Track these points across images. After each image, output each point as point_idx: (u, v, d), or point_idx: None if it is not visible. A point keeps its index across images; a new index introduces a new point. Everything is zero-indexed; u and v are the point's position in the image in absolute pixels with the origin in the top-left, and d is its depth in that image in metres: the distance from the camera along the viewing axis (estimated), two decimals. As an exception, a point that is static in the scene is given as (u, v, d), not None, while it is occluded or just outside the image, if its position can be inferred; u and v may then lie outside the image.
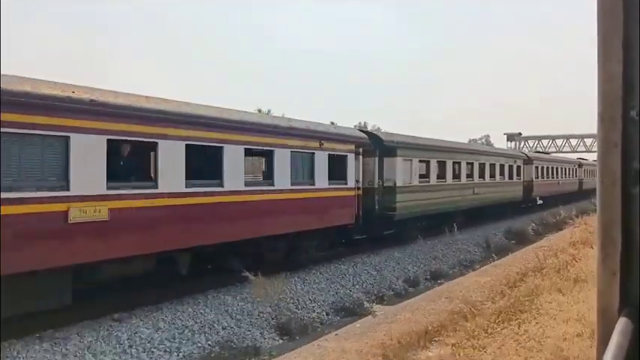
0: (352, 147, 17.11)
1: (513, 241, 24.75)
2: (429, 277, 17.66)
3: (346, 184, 16.69)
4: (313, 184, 15.14)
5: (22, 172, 8.18)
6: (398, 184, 19.33)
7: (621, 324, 1.15)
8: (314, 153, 15.13)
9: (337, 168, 16.54)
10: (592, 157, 75.61)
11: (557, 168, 39.29)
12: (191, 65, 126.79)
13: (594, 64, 1.21)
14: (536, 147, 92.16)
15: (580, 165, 47.98)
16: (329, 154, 15.77)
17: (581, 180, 47.15)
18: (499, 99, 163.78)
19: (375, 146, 18.78)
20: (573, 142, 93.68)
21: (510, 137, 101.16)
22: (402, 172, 19.63)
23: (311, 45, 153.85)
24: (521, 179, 31.35)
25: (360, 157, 18.08)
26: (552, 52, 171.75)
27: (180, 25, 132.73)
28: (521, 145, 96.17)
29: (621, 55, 1.16)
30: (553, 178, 38.50)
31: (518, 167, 30.90)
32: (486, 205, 26.98)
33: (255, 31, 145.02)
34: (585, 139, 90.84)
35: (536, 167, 34.16)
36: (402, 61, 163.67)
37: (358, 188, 17.69)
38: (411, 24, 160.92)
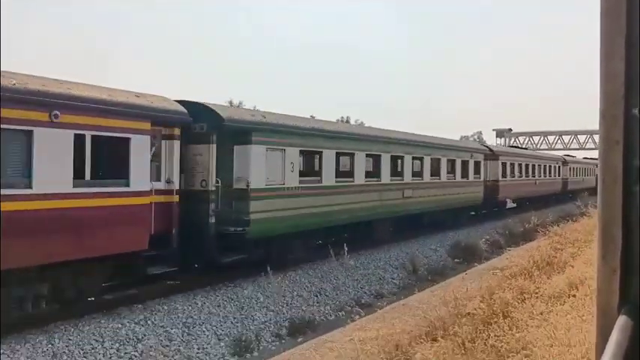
0: (146, 125, 10.34)
1: (458, 260, 18.44)
2: (282, 333, 11.00)
3: (128, 185, 9.93)
4: (29, 186, 8.37)
5: None
6: (253, 186, 12.59)
7: (621, 321, 1.14)
8: (32, 132, 8.38)
9: (110, 159, 9.84)
10: (584, 154, 69.66)
11: (533, 165, 32.44)
12: (187, 62, 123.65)
13: (595, 62, 1.23)
14: (527, 144, 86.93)
15: (565, 162, 41.07)
16: (77, 134, 9.01)
17: (566, 179, 40.30)
18: (499, 98, 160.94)
19: (212, 128, 12.03)
20: (566, 138, 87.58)
21: (499, 133, 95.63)
22: (261, 166, 12.90)
23: (310, 43, 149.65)
24: (482, 178, 24.57)
25: (177, 142, 11.34)
26: (553, 52, 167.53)
27: (179, 25, 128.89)
28: (511, 142, 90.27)
29: (624, 53, 1.17)
30: (527, 176, 31.62)
31: (477, 163, 24.14)
32: (426, 212, 20.26)
33: (255, 30, 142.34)
34: (579, 136, 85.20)
35: (504, 164, 27.37)
36: (402, 61, 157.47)
37: (166, 192, 10.95)
38: (411, 24, 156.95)
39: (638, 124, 1.16)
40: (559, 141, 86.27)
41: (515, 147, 33.72)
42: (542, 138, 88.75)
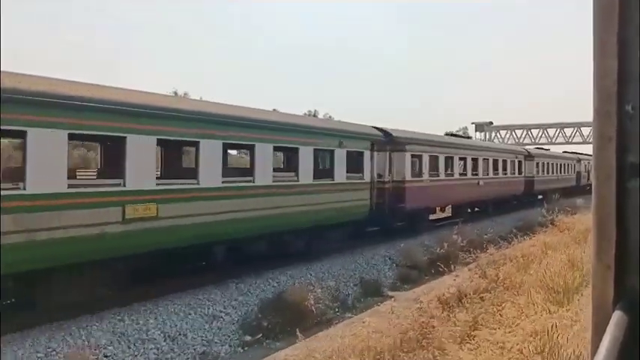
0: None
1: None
2: None
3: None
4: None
5: None
6: None
7: (616, 317, 1.15)
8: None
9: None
10: (578, 150, 61.41)
11: (473, 160, 23.73)
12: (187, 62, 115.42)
13: (585, 59, 1.27)
14: (509, 138, 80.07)
15: (529, 156, 32.40)
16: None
17: (531, 178, 31.81)
18: (491, 93, 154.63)
19: None
20: (551, 132, 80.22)
21: (479, 127, 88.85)
22: None
23: (309, 42, 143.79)
24: (368, 179, 15.81)
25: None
26: (548, 51, 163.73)
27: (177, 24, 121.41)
28: (492, 136, 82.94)
29: (617, 50, 1.18)
30: (463, 175, 23.05)
31: (358, 157, 15.44)
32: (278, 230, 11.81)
33: (254, 31, 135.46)
34: (565, 129, 77.82)
35: (416, 157, 18.82)
36: (402, 61, 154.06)
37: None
38: (411, 23, 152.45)
39: (631, 121, 1.18)
40: (543, 135, 79.12)
41: (459, 135, 24.80)
42: (525, 132, 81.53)
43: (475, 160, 24.16)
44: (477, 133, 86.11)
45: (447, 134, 24.79)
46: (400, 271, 15.38)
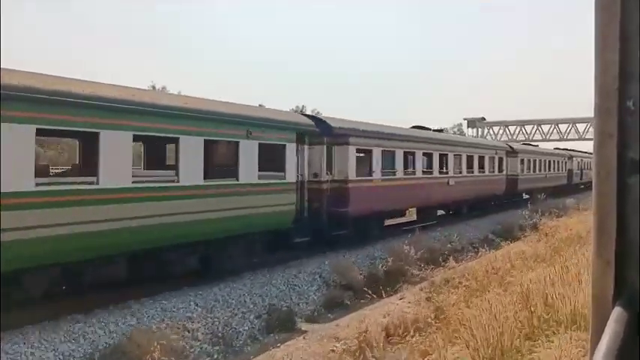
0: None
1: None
2: None
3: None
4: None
5: None
6: None
7: (616, 313, 1.15)
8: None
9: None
10: (575, 146, 58.69)
11: (441, 155, 20.90)
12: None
13: (588, 52, 1.22)
14: (502, 134, 77.54)
15: (512, 151, 29.63)
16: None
17: (515, 176, 29.09)
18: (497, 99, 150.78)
19: None
20: (545, 128, 78.06)
21: (471, 123, 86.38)
22: None
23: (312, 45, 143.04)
24: (293, 178, 12.77)
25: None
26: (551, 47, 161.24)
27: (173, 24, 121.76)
28: (485, 132, 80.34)
29: (618, 45, 1.18)
30: (427, 174, 20.13)
31: (279, 151, 12.41)
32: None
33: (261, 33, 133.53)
34: (560, 125, 75.50)
35: (364, 152, 15.89)
36: (402, 61, 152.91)
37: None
38: (411, 23, 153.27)
39: (632, 117, 1.17)
40: (538, 131, 76.66)
41: (421, 127, 21.70)
42: (518, 128, 79.06)
43: (444, 157, 21.00)
44: (470, 129, 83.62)
45: (413, 127, 21.64)
46: (330, 294, 12.31)
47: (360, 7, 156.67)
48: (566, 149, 46.47)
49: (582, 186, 45.89)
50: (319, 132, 14.30)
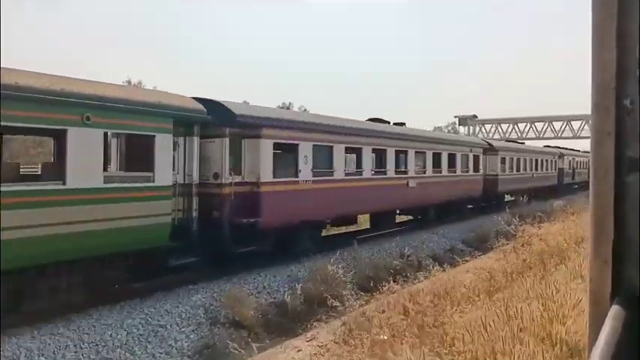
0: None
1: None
2: None
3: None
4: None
5: None
6: None
7: (613, 311, 1.14)
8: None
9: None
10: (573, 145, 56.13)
11: (404, 152, 17.82)
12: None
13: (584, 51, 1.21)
14: (494, 132, 74.94)
15: (491, 149, 26.56)
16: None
17: (494, 176, 26.06)
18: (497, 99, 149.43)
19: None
20: (539, 126, 75.62)
21: (462, 121, 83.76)
22: None
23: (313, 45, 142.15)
24: (169, 181, 9.63)
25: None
26: (550, 47, 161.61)
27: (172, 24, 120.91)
28: (477, 130, 77.60)
29: (615, 43, 1.16)
30: (381, 173, 17.04)
31: (147, 147, 9.22)
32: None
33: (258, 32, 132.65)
34: (554, 123, 72.98)
35: (314, 147, 12.70)
36: (402, 61, 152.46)
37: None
38: (411, 23, 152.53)
39: (629, 115, 1.16)
40: (531, 129, 74.10)
41: (376, 120, 18.44)
42: (511, 125, 76.52)
43: (402, 153, 17.78)
44: (461, 127, 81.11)
45: (369, 120, 18.41)
46: (208, 338, 9.08)
47: (359, 7, 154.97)
48: (557, 147, 43.34)
49: (575, 186, 42.89)
50: (219, 122, 11.10)
